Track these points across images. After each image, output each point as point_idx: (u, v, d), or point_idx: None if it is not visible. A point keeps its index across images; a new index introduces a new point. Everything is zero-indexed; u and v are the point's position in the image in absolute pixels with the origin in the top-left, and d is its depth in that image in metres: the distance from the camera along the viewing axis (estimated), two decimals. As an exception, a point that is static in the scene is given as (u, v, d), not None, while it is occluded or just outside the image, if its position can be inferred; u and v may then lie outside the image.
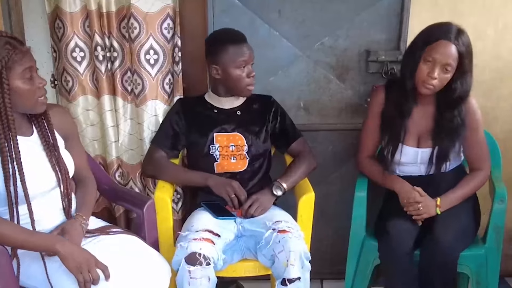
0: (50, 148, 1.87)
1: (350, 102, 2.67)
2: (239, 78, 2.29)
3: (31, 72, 1.74)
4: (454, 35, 2.07)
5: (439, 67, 2.08)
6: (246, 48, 2.27)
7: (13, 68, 1.67)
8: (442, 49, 2.06)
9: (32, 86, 1.74)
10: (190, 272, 1.90)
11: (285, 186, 2.27)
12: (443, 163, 2.23)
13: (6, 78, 1.66)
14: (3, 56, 1.65)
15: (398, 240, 2.14)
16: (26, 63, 1.71)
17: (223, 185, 2.24)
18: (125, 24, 2.44)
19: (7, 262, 1.70)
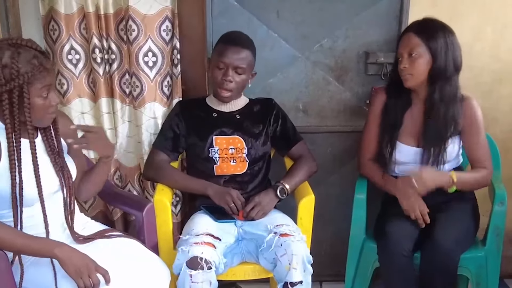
0: (54, 152, 1.86)
1: (349, 104, 2.67)
2: (215, 78, 2.29)
3: (49, 90, 1.73)
4: (416, 26, 2.18)
5: (406, 57, 2.16)
6: (231, 51, 2.24)
7: (33, 84, 1.67)
8: (405, 41, 2.18)
9: (46, 103, 1.73)
10: (191, 276, 1.89)
11: (288, 188, 2.26)
12: (437, 164, 2.22)
13: (27, 93, 1.66)
14: (27, 71, 1.65)
15: (397, 242, 2.13)
16: (46, 81, 1.71)
17: (222, 194, 2.22)
18: (123, 26, 2.42)
19: (6, 268, 1.69)
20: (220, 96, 2.32)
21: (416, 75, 2.16)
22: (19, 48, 1.66)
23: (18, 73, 1.64)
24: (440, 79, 2.14)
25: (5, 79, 1.64)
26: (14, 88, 1.65)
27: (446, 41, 2.13)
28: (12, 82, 1.64)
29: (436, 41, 2.12)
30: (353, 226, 2.38)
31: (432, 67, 2.14)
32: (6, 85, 1.64)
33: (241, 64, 2.25)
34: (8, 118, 1.68)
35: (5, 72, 1.64)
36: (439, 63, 2.12)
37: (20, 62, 1.64)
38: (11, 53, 1.65)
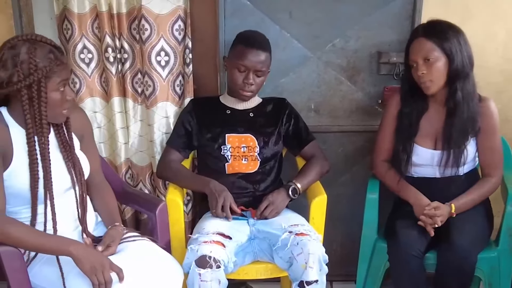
0: (66, 149, 1.87)
1: (361, 104, 2.67)
2: (235, 79, 2.30)
3: (65, 85, 1.75)
4: (425, 30, 2.16)
5: (421, 63, 2.13)
6: (252, 55, 2.25)
7: (51, 78, 1.68)
8: (417, 47, 2.15)
9: (62, 99, 1.75)
10: (200, 275, 1.89)
11: (300, 187, 2.26)
12: (456, 166, 2.22)
13: (45, 87, 1.67)
14: (45, 65, 1.66)
15: (407, 242, 2.13)
16: (63, 75, 1.72)
17: (212, 198, 2.20)
18: (135, 26, 2.43)
19: (21, 266, 1.71)
20: (242, 96, 2.34)
21: (436, 80, 2.14)
22: (34, 43, 1.68)
23: (36, 67, 1.65)
24: (459, 79, 2.13)
25: (23, 75, 1.65)
26: (33, 82, 1.66)
27: (458, 40, 2.12)
28: (31, 76, 1.65)
29: (449, 42, 2.10)
30: (365, 226, 2.38)
31: (450, 69, 2.12)
32: (26, 79, 1.65)
33: (262, 67, 2.27)
34: (29, 114, 1.69)
35: (23, 67, 1.65)
36: (456, 63, 2.11)
37: (37, 57, 1.66)
38: (27, 48, 1.66)
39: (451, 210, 2.17)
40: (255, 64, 2.25)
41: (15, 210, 1.78)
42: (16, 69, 1.65)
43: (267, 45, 2.31)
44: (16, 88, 1.66)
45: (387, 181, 2.35)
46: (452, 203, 2.18)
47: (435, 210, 2.14)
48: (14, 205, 1.77)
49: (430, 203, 2.17)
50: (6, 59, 1.67)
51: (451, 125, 2.19)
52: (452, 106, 2.18)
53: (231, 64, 2.31)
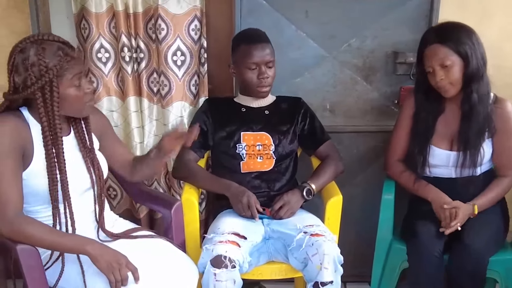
0: (86, 149, 1.88)
1: (376, 104, 2.65)
2: (249, 79, 2.30)
3: (80, 79, 1.74)
4: (438, 35, 2.12)
5: (439, 68, 2.11)
6: (258, 49, 2.26)
7: (63, 75, 1.68)
8: (432, 53, 2.12)
9: (80, 92, 1.75)
10: (215, 275, 1.89)
11: (314, 188, 2.26)
12: (473, 166, 2.20)
13: (57, 87, 1.67)
14: (54, 64, 1.66)
15: (428, 243, 2.12)
16: (75, 70, 1.72)
17: (236, 200, 2.20)
18: (151, 25, 2.44)
19: (38, 264, 1.71)
20: (260, 93, 2.33)
21: (455, 83, 2.12)
22: (42, 43, 1.67)
23: (46, 68, 1.65)
24: (474, 80, 2.11)
25: (35, 77, 1.65)
26: (46, 84, 1.66)
27: (472, 41, 2.10)
28: (43, 78, 1.65)
29: (464, 45, 2.08)
30: (380, 226, 2.36)
31: (465, 71, 2.10)
32: (38, 82, 1.65)
33: (270, 58, 2.28)
34: (44, 116, 1.70)
35: (34, 70, 1.65)
36: (472, 65, 2.09)
37: (47, 57, 1.66)
38: (36, 50, 1.66)
39: (474, 212, 2.15)
40: (264, 57, 2.26)
41: (35, 210, 1.79)
42: (28, 72, 1.66)
43: (266, 37, 2.33)
44: (31, 91, 1.67)
45: (402, 181, 2.33)
46: (474, 204, 2.16)
47: (456, 211, 2.12)
48: (34, 204, 1.79)
49: (450, 201, 2.16)
50: (18, 64, 1.67)
51: (467, 127, 2.18)
52: (468, 108, 2.16)
53: (239, 67, 2.31)
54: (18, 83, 1.68)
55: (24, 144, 1.72)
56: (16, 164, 1.69)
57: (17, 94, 1.70)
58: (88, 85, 1.78)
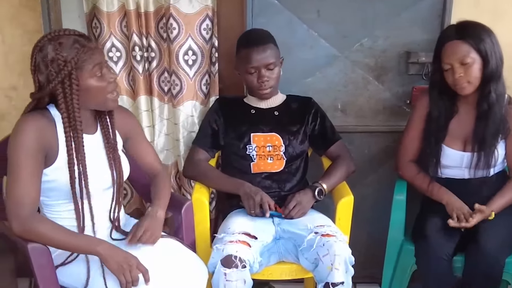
0: (110, 148, 1.89)
1: (388, 104, 2.64)
2: (250, 82, 2.31)
3: (101, 68, 1.74)
4: (458, 32, 2.10)
5: (458, 65, 2.09)
6: (256, 53, 2.24)
7: (83, 67, 1.69)
8: (452, 50, 2.10)
9: (103, 83, 1.75)
10: (225, 275, 1.89)
11: (325, 188, 2.25)
12: (487, 167, 2.18)
13: (76, 79, 1.68)
14: (72, 57, 1.67)
15: (436, 245, 2.10)
16: (95, 60, 1.72)
17: (248, 198, 2.19)
18: (162, 24, 2.44)
19: (48, 262, 1.72)
20: (261, 95, 2.34)
21: (474, 81, 2.10)
22: (58, 39, 1.68)
23: (65, 62, 1.66)
24: (493, 80, 2.09)
25: (55, 73, 1.67)
26: (65, 77, 1.67)
27: (491, 41, 2.09)
28: (62, 71, 1.66)
29: (484, 43, 2.06)
30: (391, 227, 2.35)
31: (484, 70, 2.08)
32: (58, 76, 1.66)
33: (270, 60, 2.26)
34: (65, 110, 1.71)
35: (54, 66, 1.67)
36: (491, 64, 2.07)
37: (64, 51, 1.67)
38: (53, 46, 1.67)
39: (490, 217, 2.14)
40: (262, 61, 2.25)
41: (53, 203, 1.81)
42: (49, 69, 1.67)
43: (267, 37, 2.31)
44: (52, 86, 1.68)
45: (417, 183, 2.32)
46: (492, 210, 2.15)
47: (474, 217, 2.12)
48: (55, 198, 1.80)
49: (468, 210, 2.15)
50: (39, 63, 1.69)
51: (484, 127, 2.16)
52: (486, 108, 2.14)
53: (241, 71, 2.32)
54: (42, 81, 1.70)
55: (48, 144, 1.72)
56: (36, 164, 1.69)
57: (41, 92, 1.71)
58: (110, 74, 1.77)
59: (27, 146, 1.67)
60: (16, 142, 1.68)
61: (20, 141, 1.67)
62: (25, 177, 1.67)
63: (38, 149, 1.69)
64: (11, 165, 1.69)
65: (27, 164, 1.67)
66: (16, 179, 1.67)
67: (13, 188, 1.67)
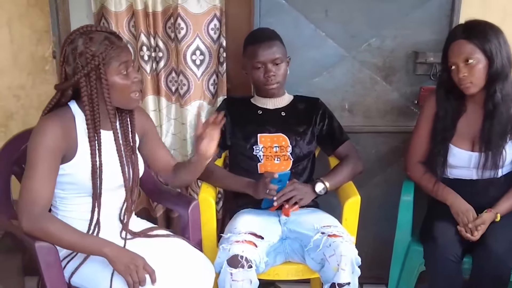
0: (128, 146, 1.91)
1: (396, 104, 2.63)
2: (256, 78, 2.31)
3: (127, 67, 1.77)
4: (464, 32, 2.10)
5: (462, 65, 2.09)
6: (262, 48, 2.26)
7: (110, 63, 1.72)
8: (458, 49, 2.10)
9: (127, 81, 1.77)
10: (232, 275, 1.89)
11: (327, 184, 2.25)
12: (495, 168, 2.17)
13: (104, 73, 1.71)
14: (101, 52, 1.71)
15: (445, 247, 2.09)
16: (122, 58, 1.75)
17: (257, 189, 2.18)
18: (170, 24, 2.44)
19: (56, 261, 1.73)
20: (268, 91, 2.34)
21: (477, 81, 2.10)
22: (89, 34, 1.73)
23: (92, 56, 1.69)
24: (499, 80, 2.09)
25: (82, 66, 1.70)
26: (91, 70, 1.70)
27: (498, 41, 2.08)
28: (89, 65, 1.69)
29: (490, 44, 2.06)
30: (398, 228, 2.35)
31: (490, 70, 2.08)
32: (84, 69, 1.69)
33: (276, 55, 2.27)
34: (87, 105, 1.73)
35: (81, 59, 1.70)
36: (497, 64, 2.06)
37: (93, 46, 1.71)
38: (83, 40, 1.72)
39: (496, 219, 2.13)
40: (268, 55, 2.26)
41: (67, 196, 1.82)
42: (76, 61, 1.71)
43: (273, 35, 2.33)
44: (77, 78, 1.70)
45: (423, 183, 2.31)
46: (497, 212, 2.14)
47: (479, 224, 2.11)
48: (69, 191, 1.81)
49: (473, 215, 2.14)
50: (68, 55, 1.73)
51: (490, 127, 2.15)
52: (491, 108, 2.13)
53: (248, 68, 2.33)
54: (69, 73, 1.74)
55: (68, 144, 1.75)
56: (52, 165, 1.72)
57: (66, 83, 1.74)
58: (135, 74, 1.80)
59: (46, 147, 1.69)
60: (36, 141, 1.70)
61: (40, 141, 1.70)
62: (41, 176, 1.69)
63: (57, 151, 1.72)
64: (29, 163, 1.71)
65: (44, 164, 1.69)
66: (32, 177, 1.69)
67: (28, 186, 1.69)
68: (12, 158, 2.02)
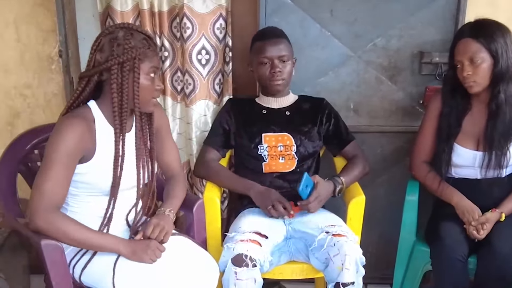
0: (146, 146, 1.92)
1: (401, 104, 2.63)
2: (262, 74, 2.32)
3: (155, 73, 1.80)
4: (471, 30, 2.11)
5: (467, 63, 2.09)
6: (270, 45, 2.28)
7: (143, 61, 1.75)
8: (464, 47, 2.10)
9: (152, 85, 1.80)
10: (236, 274, 1.89)
11: (345, 186, 2.25)
12: (499, 168, 2.17)
13: (138, 67, 1.73)
14: (139, 47, 1.74)
15: (452, 246, 2.09)
16: (154, 62, 1.79)
17: (262, 198, 2.19)
18: (176, 24, 2.45)
19: (61, 259, 1.73)
20: (273, 87, 2.34)
21: (481, 81, 2.10)
22: (131, 30, 1.76)
23: (131, 48, 1.72)
24: (503, 80, 2.09)
25: (117, 54, 1.71)
26: (127, 60, 1.72)
27: (505, 41, 2.08)
28: (126, 54, 1.71)
29: (496, 43, 2.05)
30: (403, 228, 2.35)
31: (494, 70, 2.08)
32: (120, 57, 1.71)
33: (283, 52, 2.29)
34: (115, 93, 1.73)
35: (119, 49, 1.72)
36: (502, 64, 2.06)
37: (133, 41, 1.74)
38: (124, 33, 1.74)
39: (500, 219, 2.13)
40: (275, 52, 2.28)
41: (80, 194, 1.83)
42: (112, 49, 1.73)
43: (281, 34, 2.35)
44: (110, 63, 1.71)
45: (427, 183, 2.31)
46: (502, 212, 2.14)
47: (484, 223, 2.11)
48: (83, 190, 1.82)
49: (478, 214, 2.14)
50: (104, 43, 1.76)
51: (493, 127, 2.15)
52: (494, 108, 2.13)
53: (255, 64, 2.34)
54: (100, 60, 1.75)
55: (86, 145, 1.76)
56: (70, 166, 1.73)
57: (94, 69, 1.75)
58: (159, 82, 1.84)
59: (66, 148, 1.70)
60: (57, 141, 1.71)
61: (61, 141, 1.70)
62: (58, 177, 1.70)
63: (77, 152, 1.73)
64: (47, 162, 1.71)
65: (62, 165, 1.70)
66: (49, 175, 1.69)
67: (44, 185, 1.69)
68: (18, 157, 2.03)
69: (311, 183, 2.15)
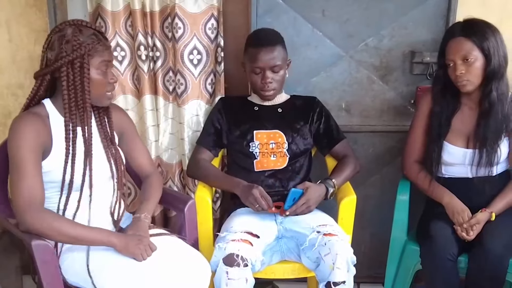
0: (107, 140, 1.93)
1: (393, 104, 2.64)
2: (254, 82, 2.32)
3: (107, 67, 1.82)
4: (463, 29, 2.11)
5: (460, 62, 2.10)
6: (263, 54, 2.25)
7: (93, 56, 1.77)
8: (456, 46, 2.11)
9: (105, 79, 1.82)
10: (227, 273, 1.90)
11: (336, 188, 2.25)
12: (489, 165, 2.18)
13: (87, 63, 1.75)
14: (87, 43, 1.75)
15: (442, 246, 2.10)
16: (105, 56, 1.80)
17: (246, 194, 2.16)
18: (168, 24, 2.45)
19: (52, 259, 1.73)
20: (265, 97, 2.35)
21: (474, 79, 2.11)
22: (79, 26, 1.77)
23: (79, 45, 1.73)
24: (495, 79, 2.10)
25: (66, 52, 1.73)
26: (76, 58, 1.73)
27: (496, 40, 2.09)
28: (75, 52, 1.73)
29: (488, 42, 2.07)
30: (394, 228, 2.35)
31: (487, 68, 2.09)
32: (69, 55, 1.73)
33: (276, 62, 2.27)
34: (66, 91, 1.75)
35: (67, 46, 1.74)
36: (494, 63, 2.08)
37: (81, 37, 1.75)
38: (73, 30, 1.76)
39: (491, 219, 2.14)
40: (268, 62, 2.26)
41: (51, 195, 1.82)
42: (61, 47, 1.74)
43: (276, 39, 2.31)
44: (61, 63, 1.73)
45: (419, 183, 2.32)
46: (492, 211, 2.15)
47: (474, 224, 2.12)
48: (51, 190, 1.82)
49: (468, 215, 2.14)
50: (54, 41, 1.77)
51: (485, 125, 2.16)
52: (487, 106, 2.14)
53: (247, 69, 2.33)
54: (50, 58, 1.77)
55: (44, 141, 1.77)
56: (37, 162, 1.74)
57: (46, 69, 1.77)
58: (112, 76, 1.85)
59: (28, 146, 1.71)
60: (17, 140, 1.72)
61: (20, 139, 1.72)
62: (31, 174, 1.71)
63: (38, 147, 1.74)
64: (15, 164, 1.72)
65: (30, 159, 1.71)
66: (23, 176, 1.70)
67: (21, 185, 1.70)
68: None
69: (299, 193, 2.16)
